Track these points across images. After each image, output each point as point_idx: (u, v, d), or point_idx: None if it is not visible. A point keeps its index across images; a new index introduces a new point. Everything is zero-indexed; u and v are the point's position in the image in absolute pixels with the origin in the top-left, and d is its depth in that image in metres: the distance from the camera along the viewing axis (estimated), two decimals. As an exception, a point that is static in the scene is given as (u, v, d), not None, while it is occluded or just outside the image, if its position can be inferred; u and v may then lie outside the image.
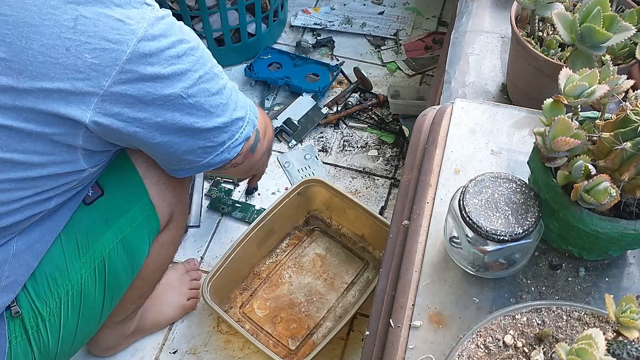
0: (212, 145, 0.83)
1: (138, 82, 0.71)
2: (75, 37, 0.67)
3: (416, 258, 0.78)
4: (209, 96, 0.78)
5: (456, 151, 0.89)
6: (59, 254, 0.86)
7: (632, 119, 0.63)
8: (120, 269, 0.94)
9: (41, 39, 0.66)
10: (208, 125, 0.80)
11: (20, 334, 0.84)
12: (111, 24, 0.69)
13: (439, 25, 1.97)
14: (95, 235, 0.89)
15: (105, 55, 0.68)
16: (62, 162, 0.75)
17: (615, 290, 0.75)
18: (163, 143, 0.79)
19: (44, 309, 0.85)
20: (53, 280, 0.86)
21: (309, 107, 1.69)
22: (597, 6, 0.77)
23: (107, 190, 0.89)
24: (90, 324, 0.95)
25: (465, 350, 0.62)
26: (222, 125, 0.82)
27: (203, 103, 0.78)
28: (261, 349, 1.16)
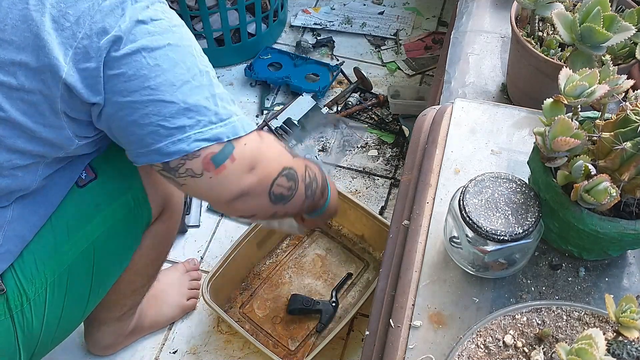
0: (169, 126, 0.71)
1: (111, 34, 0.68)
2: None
3: (416, 258, 0.78)
4: (175, 67, 0.71)
5: (456, 151, 0.89)
6: (48, 234, 0.85)
7: (632, 119, 0.63)
8: (109, 255, 0.93)
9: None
10: (166, 97, 0.70)
11: (4, 312, 0.82)
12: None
13: (439, 25, 1.97)
14: (85, 218, 0.89)
15: (79, 5, 0.67)
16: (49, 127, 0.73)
17: (615, 290, 0.75)
18: (117, 105, 0.71)
19: (29, 288, 0.84)
20: (40, 260, 0.85)
21: (309, 107, 1.69)
22: (597, 6, 0.77)
23: (100, 175, 0.88)
24: (76, 309, 0.94)
25: (465, 350, 0.62)
26: (184, 106, 0.71)
27: (165, 70, 0.70)
28: (261, 349, 1.16)
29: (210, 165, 0.74)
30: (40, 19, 0.67)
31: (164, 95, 0.70)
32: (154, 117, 0.71)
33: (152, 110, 0.71)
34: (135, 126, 0.72)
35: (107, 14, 0.68)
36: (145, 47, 0.69)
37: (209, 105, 0.73)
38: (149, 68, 0.70)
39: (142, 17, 0.70)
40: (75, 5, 0.68)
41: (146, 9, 0.71)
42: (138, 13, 0.70)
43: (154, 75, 0.70)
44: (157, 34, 0.71)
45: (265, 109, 1.72)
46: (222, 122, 0.74)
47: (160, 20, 0.71)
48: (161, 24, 0.71)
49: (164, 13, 0.73)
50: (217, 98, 0.75)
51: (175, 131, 0.72)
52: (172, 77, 0.71)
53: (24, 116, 0.71)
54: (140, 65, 0.69)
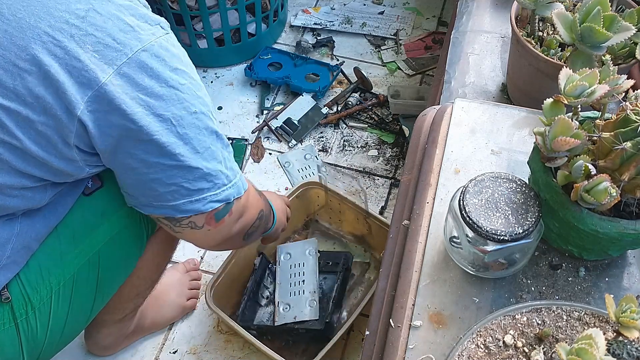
0: (190, 188, 0.77)
1: (132, 89, 0.70)
2: (82, 27, 0.68)
3: (416, 258, 0.78)
4: (199, 134, 0.75)
5: (456, 151, 0.89)
6: (54, 242, 0.86)
7: (632, 119, 0.63)
8: (114, 263, 0.93)
9: (50, 19, 0.67)
10: (192, 164, 0.75)
11: (9, 320, 0.83)
12: (121, 26, 0.70)
13: (439, 25, 1.97)
14: (91, 226, 0.89)
15: (107, 51, 0.68)
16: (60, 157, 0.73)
17: (616, 290, 0.75)
18: (140, 162, 0.74)
19: (34, 296, 0.84)
20: (46, 269, 0.85)
21: (309, 107, 1.69)
22: (597, 6, 0.77)
23: (106, 183, 0.89)
24: (80, 317, 0.94)
25: (465, 350, 0.62)
26: (206, 172, 0.77)
27: (192, 138, 0.75)
28: (266, 352, 1.15)
29: (212, 220, 0.82)
30: (65, 57, 0.67)
31: (191, 162, 0.75)
32: (179, 179, 0.76)
33: (178, 173, 0.76)
34: (158, 184, 0.77)
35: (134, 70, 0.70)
36: (175, 116, 0.73)
37: (223, 169, 0.80)
38: (178, 136, 0.74)
39: (171, 81, 0.72)
40: (104, 51, 0.68)
41: (174, 72, 0.73)
42: (167, 77, 0.72)
43: (181, 143, 0.74)
44: (186, 101, 0.74)
45: (265, 109, 1.72)
46: (231, 183, 0.81)
47: (186, 85, 0.74)
48: (189, 90, 0.74)
49: (189, 75, 0.75)
50: (226, 160, 0.81)
51: (195, 193, 0.78)
52: (197, 145, 0.76)
53: (36, 146, 0.71)
54: (170, 132, 0.73)
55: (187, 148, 0.75)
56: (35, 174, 0.74)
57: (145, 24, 0.72)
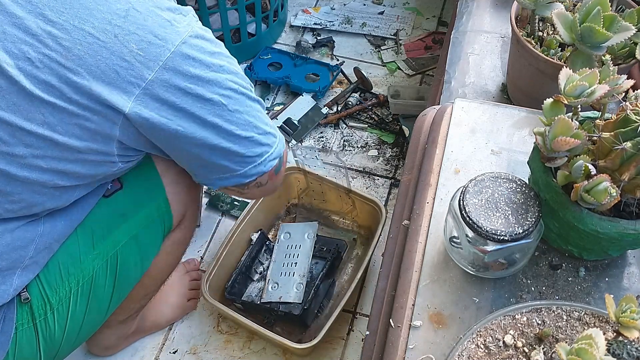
0: (251, 155, 0.84)
1: (180, 80, 0.73)
2: (124, 26, 0.70)
3: (416, 258, 0.78)
4: (247, 107, 0.81)
5: (456, 151, 0.89)
6: (73, 243, 0.87)
7: (632, 119, 0.63)
8: (131, 263, 0.94)
9: (93, 21, 0.69)
10: (246, 134, 0.82)
11: (27, 320, 0.84)
12: (160, 21, 0.72)
13: (439, 25, 1.97)
14: (110, 228, 0.90)
15: (151, 48, 0.71)
16: (97, 152, 0.76)
17: (615, 290, 0.75)
18: (204, 145, 0.80)
19: (53, 297, 0.85)
20: (65, 269, 0.86)
21: (309, 107, 1.69)
22: (597, 6, 0.77)
23: (125, 185, 0.90)
24: (96, 317, 0.95)
25: (465, 350, 0.62)
26: (259, 136, 0.84)
27: (242, 112, 0.80)
28: (271, 337, 1.17)
29: (273, 175, 0.90)
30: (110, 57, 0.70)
31: (246, 133, 0.82)
32: (241, 150, 0.83)
33: (238, 146, 0.83)
34: (224, 160, 0.83)
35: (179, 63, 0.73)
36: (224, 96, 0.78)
37: (270, 130, 0.87)
38: (230, 114, 0.79)
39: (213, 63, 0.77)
40: (147, 48, 0.71)
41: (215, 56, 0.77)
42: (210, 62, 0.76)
43: (234, 119, 0.80)
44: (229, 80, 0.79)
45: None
46: (276, 138, 0.88)
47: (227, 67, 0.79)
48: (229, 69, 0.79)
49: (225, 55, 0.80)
50: (267, 117, 0.88)
51: (256, 158, 0.86)
52: (248, 116, 0.82)
53: (77, 140, 0.73)
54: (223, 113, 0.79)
55: (240, 122, 0.80)
56: (69, 170, 0.76)
57: (180, 15, 0.75)
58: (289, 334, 1.25)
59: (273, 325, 1.27)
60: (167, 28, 0.72)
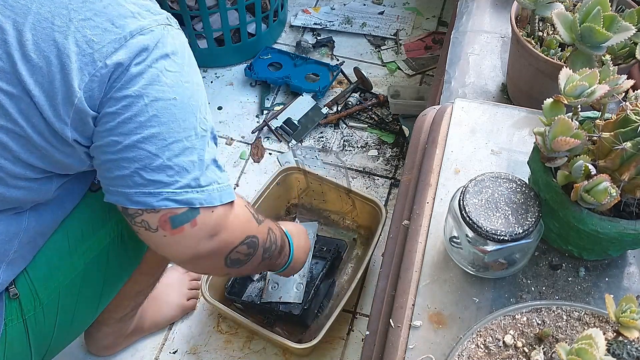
0: (146, 177, 0.71)
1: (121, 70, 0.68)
2: (81, 12, 0.67)
3: (416, 258, 0.78)
4: (172, 122, 0.71)
5: (456, 151, 0.89)
6: (61, 238, 0.86)
7: (632, 119, 0.63)
8: (121, 258, 0.93)
9: (50, 5, 0.67)
10: (151, 149, 0.70)
11: (17, 316, 0.83)
12: (121, 11, 0.69)
13: (439, 25, 1.97)
14: (99, 222, 0.89)
15: (105, 35, 0.67)
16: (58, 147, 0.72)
17: (615, 290, 0.75)
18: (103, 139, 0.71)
19: (42, 292, 0.85)
20: (54, 265, 0.85)
21: (309, 107, 1.69)
22: (597, 6, 0.77)
23: None
24: (87, 312, 0.94)
25: (465, 350, 0.62)
26: (167, 164, 0.71)
27: (162, 123, 0.70)
28: (271, 337, 1.17)
29: (167, 225, 0.73)
30: (64, 42, 0.67)
31: (152, 147, 0.70)
32: (135, 163, 0.71)
33: (135, 156, 0.70)
34: (114, 165, 0.72)
35: (130, 51, 0.68)
36: (149, 94, 0.69)
37: (192, 169, 0.73)
38: (146, 117, 0.69)
39: (159, 64, 0.70)
40: (102, 35, 0.68)
41: (166, 58, 0.71)
42: (157, 60, 0.70)
43: (149, 125, 0.70)
44: (167, 85, 0.70)
45: (265, 109, 1.72)
46: (200, 188, 0.73)
47: (174, 73, 0.71)
48: (174, 77, 0.71)
49: (182, 66, 0.72)
50: (204, 163, 0.74)
51: (149, 184, 0.71)
52: (165, 132, 0.70)
53: (39, 136, 0.70)
54: (139, 111, 0.69)
55: (152, 131, 0.70)
56: (38, 165, 0.73)
57: (148, 12, 0.71)
58: (289, 334, 1.25)
59: (273, 325, 1.28)
60: (127, 18, 0.69)
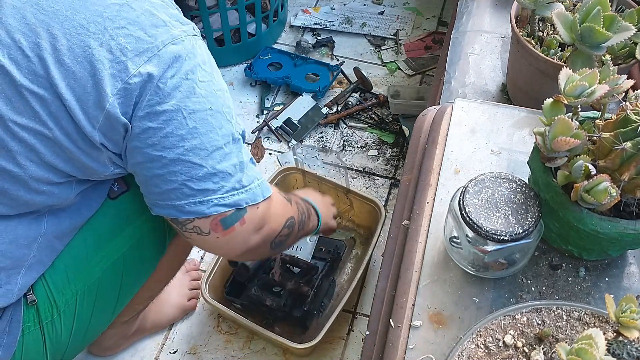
0: (194, 188, 0.74)
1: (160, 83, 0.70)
2: (115, 20, 0.69)
3: (416, 258, 0.78)
4: (211, 132, 0.73)
5: (456, 151, 0.89)
6: (80, 245, 0.86)
7: (632, 119, 0.63)
8: (137, 266, 0.94)
9: (85, 12, 0.68)
10: (196, 161, 0.73)
11: (34, 323, 0.83)
12: (154, 20, 0.71)
13: (439, 25, 1.97)
14: (117, 230, 0.89)
15: (138, 44, 0.69)
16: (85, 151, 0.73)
17: (615, 290, 0.75)
18: (146, 156, 0.73)
19: (60, 299, 0.85)
20: (72, 272, 0.86)
21: (309, 107, 1.69)
22: (597, 6, 0.77)
23: (132, 187, 0.89)
24: (102, 319, 0.95)
25: (465, 350, 0.62)
26: (212, 171, 0.74)
27: (202, 134, 0.73)
28: (271, 337, 1.17)
29: (219, 227, 0.77)
30: (98, 48, 0.68)
31: (196, 158, 0.73)
32: (182, 176, 0.73)
33: (181, 169, 0.73)
34: (161, 180, 0.74)
35: (162, 61, 0.70)
36: (187, 107, 0.71)
37: (235, 173, 0.76)
38: (187, 129, 0.72)
39: (193, 76, 0.72)
40: (135, 43, 0.69)
41: (198, 69, 0.73)
42: (190, 71, 0.71)
43: (190, 137, 0.72)
44: (202, 96, 0.72)
45: (265, 109, 1.72)
46: (244, 188, 0.77)
47: (207, 83, 0.73)
48: (207, 87, 0.73)
49: (212, 75, 0.75)
50: (243, 164, 0.77)
51: (198, 193, 0.74)
52: (207, 142, 0.73)
53: (67, 138, 0.71)
54: (179, 125, 0.71)
55: (194, 143, 0.72)
56: (62, 168, 0.74)
57: (177, 22, 0.73)
58: (289, 334, 1.25)
59: (273, 325, 1.27)
60: (159, 27, 0.71)
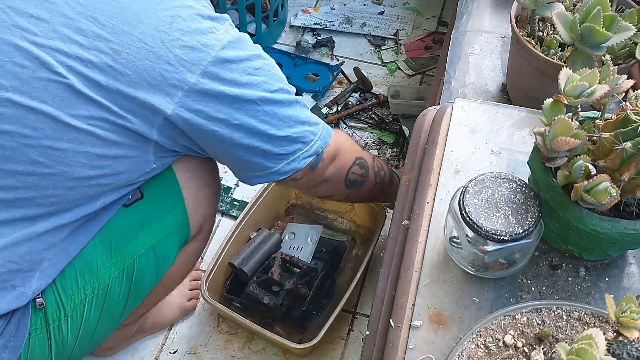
0: (284, 153, 0.87)
1: (219, 84, 0.77)
2: (170, 32, 0.74)
3: (416, 258, 0.78)
4: (282, 108, 0.84)
5: (456, 151, 0.89)
6: (91, 251, 0.87)
7: (632, 119, 0.63)
8: (147, 273, 0.95)
9: (141, 27, 0.73)
10: (281, 134, 0.85)
11: (41, 326, 0.84)
12: (202, 28, 0.76)
13: (439, 25, 1.97)
14: (129, 237, 0.90)
15: (193, 53, 0.75)
16: (134, 148, 0.79)
17: (615, 290, 0.75)
18: (240, 145, 0.83)
19: (68, 304, 0.85)
20: (81, 277, 0.86)
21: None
22: (597, 6, 0.77)
23: (146, 195, 0.91)
24: (108, 325, 0.95)
25: (465, 350, 0.62)
26: (295, 136, 0.87)
27: (277, 113, 0.83)
28: (271, 337, 1.17)
29: (308, 172, 0.92)
30: (157, 61, 0.73)
31: (280, 133, 0.85)
32: (275, 149, 0.86)
33: (273, 146, 0.86)
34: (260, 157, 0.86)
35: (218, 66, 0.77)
36: (260, 97, 0.81)
37: (307, 128, 0.89)
38: (265, 114, 0.82)
39: (249, 69, 0.80)
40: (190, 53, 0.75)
41: (252, 59, 0.81)
42: (247, 66, 0.80)
43: (269, 119, 0.83)
44: (265, 82, 0.82)
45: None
46: (316, 136, 0.90)
47: (260, 69, 0.82)
48: (263, 71, 0.82)
49: (262, 58, 0.83)
50: (309, 118, 0.90)
51: (290, 155, 0.88)
52: (283, 117, 0.84)
53: (118, 136, 0.76)
54: (257, 113, 0.82)
55: (275, 122, 0.83)
56: (107, 165, 0.78)
57: (218, 24, 0.79)
58: (289, 334, 1.25)
59: (272, 325, 1.27)
60: (208, 35, 0.76)
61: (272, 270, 1.26)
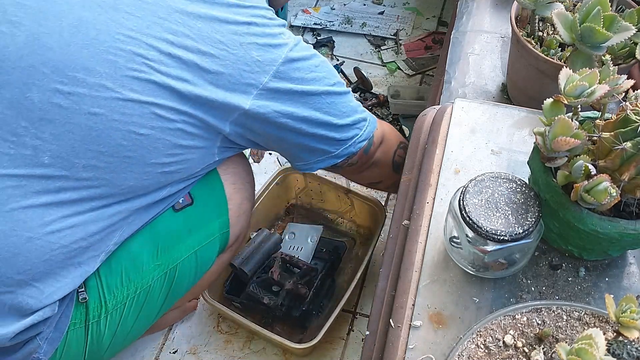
0: (344, 138, 0.96)
1: (288, 82, 0.85)
2: (247, 36, 0.82)
3: (416, 258, 0.78)
4: (340, 98, 0.93)
5: (456, 151, 0.89)
6: (138, 250, 0.89)
7: (632, 119, 0.63)
8: (186, 278, 0.97)
9: (223, 31, 0.81)
10: (342, 122, 0.94)
11: (80, 321, 0.85)
12: (273, 33, 0.85)
13: (439, 25, 1.97)
14: (175, 241, 0.93)
15: (267, 55, 0.83)
16: (206, 140, 0.85)
17: (616, 290, 0.75)
18: (307, 134, 0.91)
19: (110, 300, 0.87)
20: (127, 275, 0.88)
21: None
22: (597, 6, 0.77)
23: (196, 201, 0.94)
24: (143, 325, 0.97)
25: (465, 350, 0.62)
26: (352, 123, 0.95)
27: (337, 103, 0.92)
28: (271, 337, 1.17)
29: (363, 155, 1.01)
30: (237, 60, 0.81)
31: (340, 121, 0.94)
32: (336, 135, 0.95)
33: (335, 134, 0.94)
34: (324, 144, 0.95)
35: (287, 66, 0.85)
36: (324, 91, 0.90)
37: (360, 115, 0.97)
38: (327, 106, 0.91)
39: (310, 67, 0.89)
40: (264, 55, 0.83)
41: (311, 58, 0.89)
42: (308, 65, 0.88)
43: (331, 109, 0.92)
44: (326, 77, 0.91)
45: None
46: (366, 121, 0.99)
47: (319, 66, 0.90)
48: (322, 68, 0.90)
49: (318, 56, 0.92)
50: (359, 106, 0.98)
51: (348, 140, 0.96)
52: (342, 106, 0.93)
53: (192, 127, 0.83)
54: (321, 106, 0.90)
55: (335, 112, 0.92)
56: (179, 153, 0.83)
57: (283, 28, 0.88)
58: (289, 334, 1.25)
59: (272, 324, 1.27)
60: (278, 39, 0.85)
61: (272, 270, 1.26)
